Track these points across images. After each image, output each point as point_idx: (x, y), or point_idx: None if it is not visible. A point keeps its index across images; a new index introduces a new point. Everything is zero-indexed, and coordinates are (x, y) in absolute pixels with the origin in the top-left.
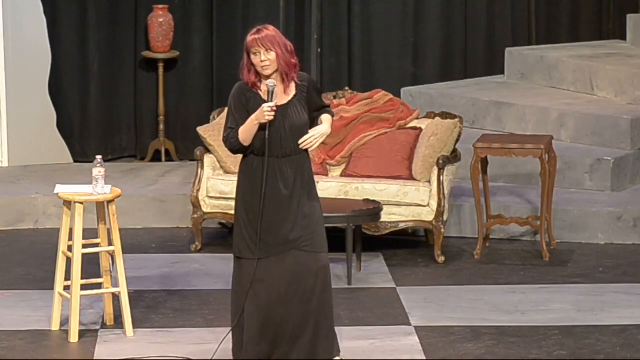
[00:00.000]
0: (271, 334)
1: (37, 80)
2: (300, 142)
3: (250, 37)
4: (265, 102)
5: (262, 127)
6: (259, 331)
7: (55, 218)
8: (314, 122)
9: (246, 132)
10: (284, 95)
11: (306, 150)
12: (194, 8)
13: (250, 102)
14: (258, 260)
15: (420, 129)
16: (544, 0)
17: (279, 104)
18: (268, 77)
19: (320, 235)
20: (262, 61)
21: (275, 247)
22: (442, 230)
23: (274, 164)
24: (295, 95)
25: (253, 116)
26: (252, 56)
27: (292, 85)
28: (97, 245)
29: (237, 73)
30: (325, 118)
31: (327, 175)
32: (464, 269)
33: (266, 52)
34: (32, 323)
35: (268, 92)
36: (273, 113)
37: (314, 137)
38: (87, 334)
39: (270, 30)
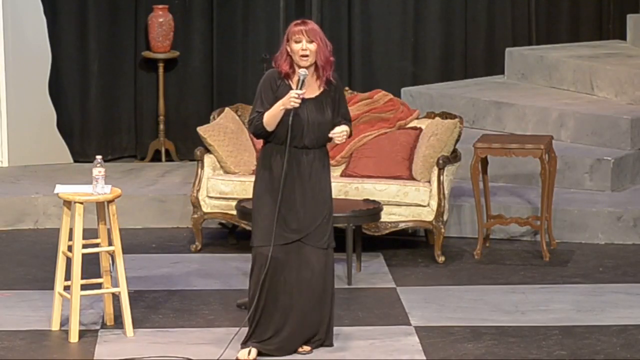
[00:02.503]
0: (279, 324)
1: (37, 80)
2: (331, 133)
3: (294, 27)
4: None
5: (287, 113)
6: (272, 322)
7: (55, 218)
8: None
9: (271, 117)
10: (314, 89)
11: (324, 145)
12: (194, 8)
13: (279, 89)
14: (272, 248)
15: (420, 129)
16: (544, 0)
17: (307, 96)
18: (303, 68)
19: (327, 232)
20: (303, 49)
21: (284, 237)
22: (442, 230)
23: (293, 154)
24: (323, 92)
25: (280, 101)
26: (293, 44)
27: (323, 83)
28: (97, 245)
29: (237, 73)
30: (345, 124)
31: None
32: (464, 269)
33: (308, 42)
34: (32, 323)
35: (298, 80)
36: (299, 100)
37: (343, 134)
38: (87, 334)
39: (314, 24)
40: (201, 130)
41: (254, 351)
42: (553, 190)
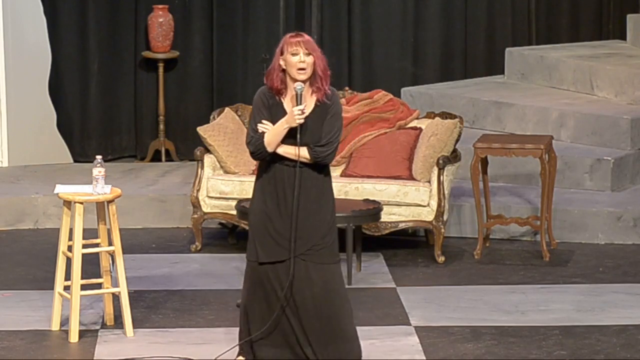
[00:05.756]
0: (279, 340)
1: (37, 80)
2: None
3: (290, 39)
4: (285, 113)
5: (291, 132)
6: (262, 334)
7: (55, 218)
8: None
9: (274, 136)
10: (309, 104)
11: (324, 164)
12: (194, 8)
13: (272, 108)
14: (261, 265)
15: (420, 129)
16: (544, 0)
17: None
18: (298, 82)
19: (328, 247)
20: (301, 62)
21: (278, 254)
22: (442, 230)
23: (288, 172)
24: (319, 106)
25: (283, 120)
26: (290, 57)
27: (321, 95)
28: (97, 245)
29: (237, 73)
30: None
31: None
32: (464, 269)
33: (306, 55)
34: (32, 323)
35: (296, 95)
36: (303, 116)
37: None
38: (87, 334)
39: (309, 37)
40: (201, 130)
41: None
42: (553, 190)
